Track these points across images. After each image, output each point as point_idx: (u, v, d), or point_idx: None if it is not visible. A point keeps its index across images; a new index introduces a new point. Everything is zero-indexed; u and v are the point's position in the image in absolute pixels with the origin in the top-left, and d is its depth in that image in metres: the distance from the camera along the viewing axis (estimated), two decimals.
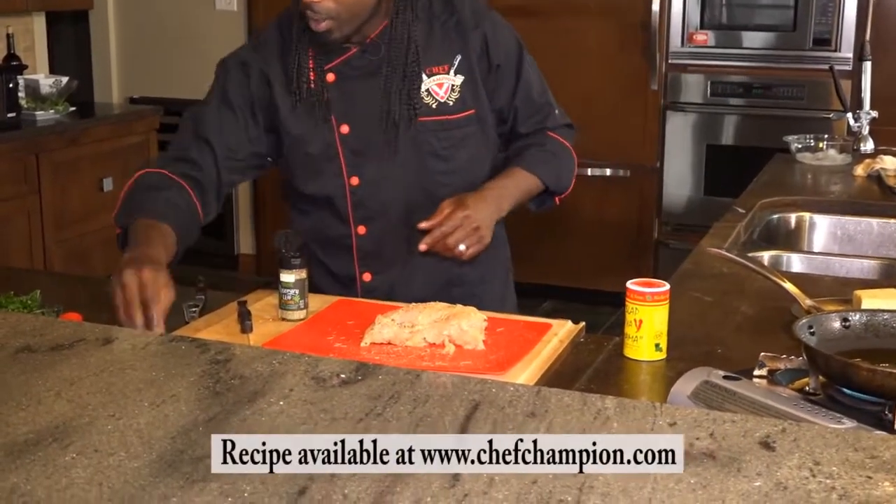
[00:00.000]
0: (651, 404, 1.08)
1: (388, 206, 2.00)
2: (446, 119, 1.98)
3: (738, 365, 1.55)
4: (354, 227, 2.01)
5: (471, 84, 1.99)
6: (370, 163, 1.98)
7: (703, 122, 4.77)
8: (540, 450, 0.97)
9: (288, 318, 1.81)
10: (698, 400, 1.37)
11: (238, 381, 1.15)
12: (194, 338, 1.35)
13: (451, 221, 1.88)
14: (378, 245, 2.02)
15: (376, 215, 2.00)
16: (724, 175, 4.71)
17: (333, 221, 2.02)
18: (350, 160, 1.98)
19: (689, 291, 2.01)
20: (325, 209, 2.02)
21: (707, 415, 1.05)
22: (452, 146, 1.99)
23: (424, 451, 0.97)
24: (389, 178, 1.98)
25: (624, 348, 1.67)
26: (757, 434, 1.00)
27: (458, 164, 2.00)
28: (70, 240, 4.34)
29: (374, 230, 2.01)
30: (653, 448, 0.97)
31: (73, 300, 1.94)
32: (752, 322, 1.84)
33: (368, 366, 1.19)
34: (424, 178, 1.99)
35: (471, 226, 1.89)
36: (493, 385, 1.13)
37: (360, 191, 1.99)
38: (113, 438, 1.01)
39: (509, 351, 1.66)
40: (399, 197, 1.99)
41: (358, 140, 1.97)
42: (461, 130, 1.99)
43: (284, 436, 1.01)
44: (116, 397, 1.11)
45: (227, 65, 2.03)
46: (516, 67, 2.05)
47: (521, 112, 2.07)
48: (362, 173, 1.98)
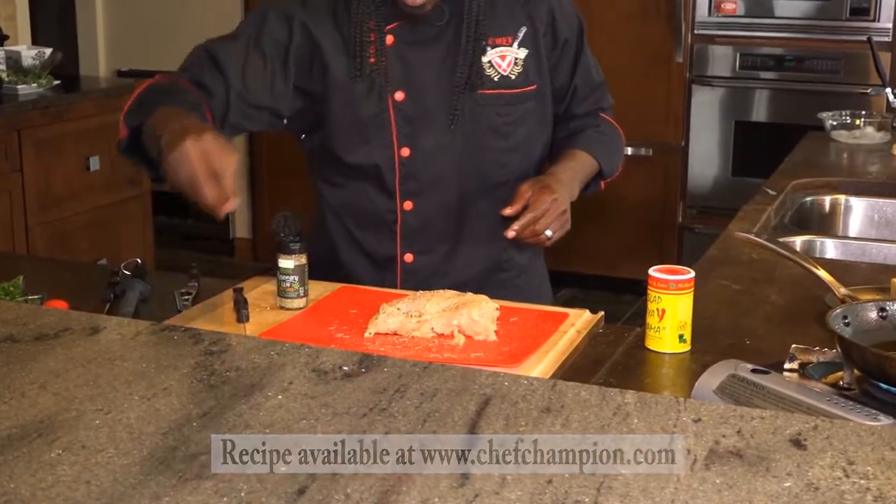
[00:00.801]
0: (674, 399, 1.09)
1: (439, 180, 1.99)
2: (508, 93, 1.98)
3: (768, 358, 1.55)
4: (401, 201, 2.00)
5: (534, 59, 2.00)
6: (424, 133, 1.97)
7: (731, 97, 4.76)
8: (555, 447, 0.97)
9: (287, 307, 1.82)
10: (725, 395, 1.37)
11: (234, 373, 1.16)
12: (187, 327, 1.36)
13: (540, 205, 1.89)
14: (425, 223, 2.02)
15: (426, 190, 1.99)
16: (754, 154, 4.70)
17: (377, 195, 2.01)
18: (402, 129, 1.96)
19: (716, 279, 2.01)
20: (367, 182, 2.00)
21: (734, 411, 1.06)
22: (512, 122, 2.00)
23: (432, 448, 0.97)
24: (443, 152, 1.98)
25: (645, 340, 1.67)
26: (787, 431, 1.00)
27: (516, 142, 2.01)
28: (54, 222, 4.35)
29: (422, 206, 2.00)
30: (676, 446, 0.97)
31: (58, 287, 1.94)
32: (782, 312, 1.84)
33: (373, 357, 1.20)
34: (480, 154, 1.99)
35: (558, 210, 1.91)
36: (506, 378, 1.14)
37: (411, 163, 1.97)
38: (101, 434, 1.01)
39: (523, 342, 1.66)
40: (452, 172, 1.99)
41: (413, 108, 1.96)
42: (521, 106, 2.00)
43: (283, 433, 1.01)
44: (105, 390, 1.11)
45: (267, 14, 1.98)
46: (578, 44, 2.08)
47: (579, 91, 2.11)
48: (415, 144, 1.97)
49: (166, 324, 1.46)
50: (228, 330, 1.66)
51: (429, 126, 1.96)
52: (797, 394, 1.32)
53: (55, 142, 4.36)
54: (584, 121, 2.13)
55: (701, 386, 1.42)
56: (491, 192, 2.01)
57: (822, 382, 1.48)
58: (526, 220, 1.89)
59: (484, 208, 2.01)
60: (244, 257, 5.67)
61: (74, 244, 4.40)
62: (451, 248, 2.03)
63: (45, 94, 4.43)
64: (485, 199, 2.01)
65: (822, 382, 1.48)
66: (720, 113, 4.78)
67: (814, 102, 4.23)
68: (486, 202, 2.01)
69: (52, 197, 4.34)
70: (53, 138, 4.35)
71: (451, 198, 2.00)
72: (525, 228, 1.89)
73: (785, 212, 2.65)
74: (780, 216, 2.60)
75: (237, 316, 1.76)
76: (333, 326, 1.74)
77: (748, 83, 4.72)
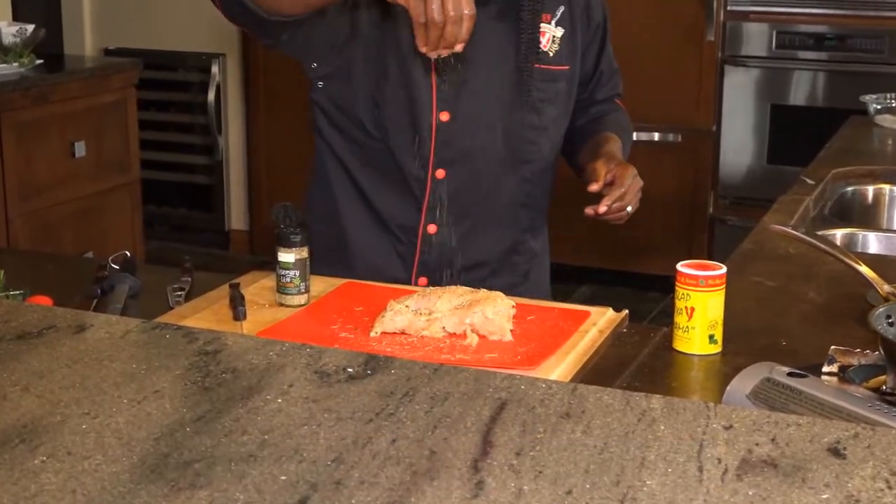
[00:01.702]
0: (704, 405, 1.09)
1: (476, 149, 2.04)
2: (546, 69, 2.06)
3: (805, 360, 1.55)
4: (433, 169, 2.04)
5: (570, 39, 2.08)
6: (467, 98, 2.02)
7: (767, 78, 4.75)
8: (575, 456, 0.98)
9: (287, 304, 1.82)
10: (758, 400, 1.37)
11: (230, 375, 1.16)
12: (180, 325, 1.36)
13: (625, 181, 1.97)
14: (454, 194, 2.06)
15: (461, 159, 2.04)
16: (791, 140, 4.69)
17: (408, 160, 2.03)
18: (443, 92, 2.01)
19: (749, 275, 2.01)
20: (397, 146, 2.03)
21: (768, 417, 1.06)
22: (547, 100, 2.07)
23: (443, 456, 0.98)
24: (483, 120, 2.03)
25: (673, 340, 1.67)
26: (825, 439, 1.01)
27: (546, 122, 2.09)
28: (37, 212, 4.36)
29: (454, 175, 2.05)
30: (705, 455, 0.98)
31: (42, 281, 1.95)
32: (821, 311, 1.84)
33: (379, 358, 1.20)
34: (515, 128, 2.06)
35: (639, 185, 2.01)
36: (523, 381, 1.14)
37: (449, 129, 2.02)
38: (88, 439, 1.02)
39: (541, 343, 1.66)
40: (489, 142, 2.05)
41: (458, 71, 2.00)
42: (555, 85, 2.08)
43: (282, 439, 1.02)
44: (92, 393, 1.12)
45: None
46: (605, 28, 2.17)
47: (603, 77, 2.21)
48: (455, 108, 2.02)
49: (157, 322, 1.47)
50: (224, 328, 1.66)
51: (471, 93, 2.02)
52: (836, 399, 1.32)
53: (38, 126, 4.36)
54: (604, 106, 2.22)
55: (733, 390, 1.42)
56: (517, 170, 2.08)
57: (863, 387, 1.48)
58: (616, 194, 1.95)
59: (509, 186, 2.08)
60: (241, 250, 5.68)
61: (59, 236, 4.41)
62: (474, 223, 2.08)
63: (27, 75, 4.44)
64: (511, 177, 2.08)
65: (863, 387, 1.48)
66: (755, 96, 4.77)
67: (856, 84, 4.22)
68: (512, 180, 2.08)
69: (34, 185, 4.34)
70: (36, 122, 4.35)
71: (483, 171, 2.06)
72: (614, 202, 1.96)
73: (824, 203, 2.65)
74: (819, 207, 2.60)
75: (233, 313, 1.77)
76: (337, 325, 1.74)
77: (785, 63, 4.71)
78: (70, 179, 4.41)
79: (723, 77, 4.79)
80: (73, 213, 4.41)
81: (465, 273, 2.07)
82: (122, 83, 4.76)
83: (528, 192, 2.11)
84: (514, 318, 1.71)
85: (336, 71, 2.02)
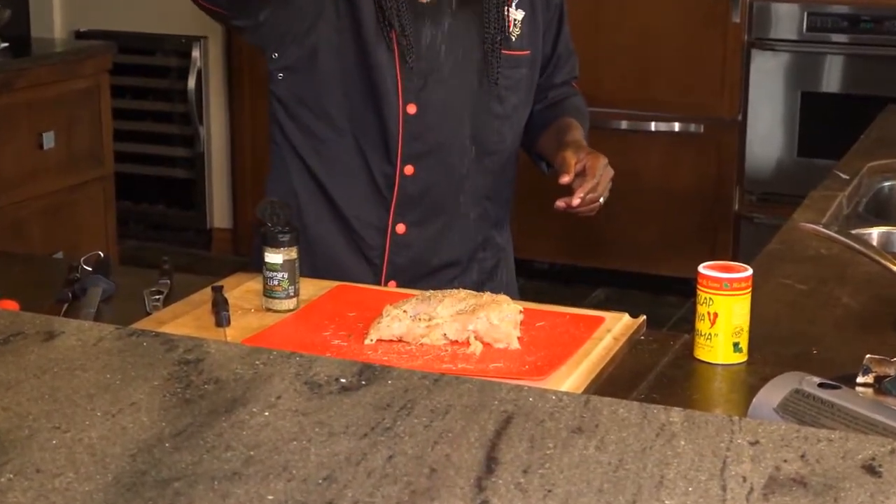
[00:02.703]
0: (728, 418, 1.09)
1: (444, 142, 2.07)
2: (508, 55, 2.08)
3: (838, 370, 1.56)
4: (402, 165, 2.06)
5: (531, 22, 2.11)
6: (434, 89, 2.04)
7: (796, 63, 4.75)
8: (588, 474, 0.98)
9: (274, 309, 1.83)
10: (787, 413, 1.37)
11: (213, 385, 1.16)
12: (158, 332, 1.37)
13: (597, 171, 1.99)
14: (424, 190, 2.09)
15: (430, 153, 2.07)
16: (823, 131, 4.70)
17: (374, 157, 2.06)
18: (410, 83, 2.03)
19: (778, 278, 2.01)
20: (363, 138, 2.06)
21: (797, 432, 1.06)
22: (510, 87, 2.11)
23: (444, 473, 0.98)
24: (451, 111, 2.06)
25: (695, 349, 1.67)
26: (859, 456, 1.01)
27: (509, 110, 2.12)
28: (3, 209, 4.37)
29: (423, 171, 2.07)
30: (729, 473, 0.98)
31: (8, 284, 1.95)
32: (855, 316, 1.84)
33: (375, 368, 1.20)
34: (480, 118, 2.09)
35: (610, 174, 2.02)
36: (531, 393, 1.14)
37: (417, 121, 2.04)
38: (59, 456, 1.02)
39: (551, 351, 1.67)
40: (457, 134, 2.08)
41: (423, 60, 2.03)
42: (518, 71, 2.11)
43: (270, 455, 1.02)
44: (62, 405, 1.12)
45: None
46: (562, 9, 2.20)
47: (561, 59, 2.24)
48: (422, 100, 2.04)
49: (134, 328, 1.47)
50: (206, 335, 1.67)
51: (438, 82, 2.04)
52: (872, 412, 1.32)
53: (3, 115, 4.37)
54: (561, 90, 2.26)
55: (759, 403, 1.42)
56: (482, 162, 2.11)
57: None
58: (587, 186, 1.96)
59: (476, 180, 2.12)
60: (224, 250, 5.69)
61: (26, 235, 4.41)
62: (446, 221, 2.12)
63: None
64: (477, 170, 2.11)
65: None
66: (784, 82, 4.78)
67: (893, 71, 4.22)
68: (478, 174, 2.11)
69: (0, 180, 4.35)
70: (1, 111, 4.36)
71: (453, 165, 2.09)
72: (588, 194, 1.97)
73: (859, 199, 2.65)
74: (853, 204, 2.60)
75: (216, 319, 1.77)
76: (329, 332, 1.74)
77: (817, 48, 4.71)
78: (38, 174, 4.41)
79: (749, 62, 4.80)
80: (42, 210, 4.41)
81: (436, 273, 2.10)
82: (94, 69, 4.76)
83: (492, 184, 2.14)
84: (522, 325, 1.71)
85: (297, 61, 2.05)
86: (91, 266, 1.97)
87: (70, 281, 1.93)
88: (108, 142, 4.71)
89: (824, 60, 4.73)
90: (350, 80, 2.03)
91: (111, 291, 1.92)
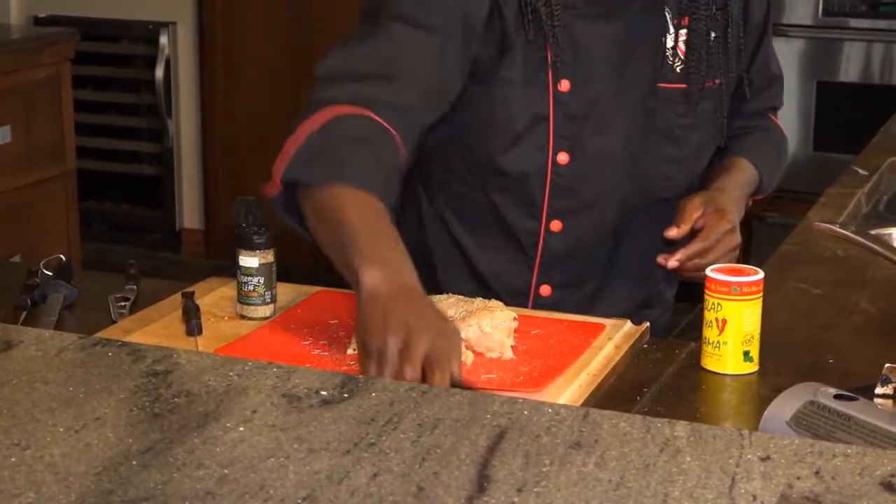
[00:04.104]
0: (737, 432, 1.09)
1: (598, 196, 1.96)
2: (691, 89, 1.96)
3: (856, 380, 1.56)
4: (547, 220, 1.96)
5: (721, 45, 1.97)
6: (588, 135, 1.92)
7: (812, 51, 4.76)
8: (587, 492, 0.98)
9: (249, 316, 1.83)
10: (801, 427, 1.38)
11: (183, 399, 1.16)
12: (124, 342, 1.37)
13: (714, 234, 1.87)
14: (573, 249, 1.98)
15: (581, 208, 1.96)
16: (841, 124, 4.70)
17: (516, 210, 1.96)
18: (562, 129, 1.91)
19: (791, 281, 2.01)
20: (505, 192, 1.95)
21: (812, 447, 1.06)
22: (690, 125, 1.97)
23: (432, 493, 0.98)
24: (608, 160, 1.94)
25: (702, 358, 1.68)
26: (878, 472, 1.01)
27: (689, 151, 1.99)
28: None
29: (573, 228, 1.96)
30: (738, 491, 0.98)
31: None
32: (875, 323, 1.85)
33: (358, 379, 1.21)
34: (647, 165, 1.97)
35: (733, 243, 1.90)
36: (526, 406, 1.15)
37: (568, 172, 1.92)
38: (18, 474, 1.02)
39: (547, 361, 1.67)
40: (615, 186, 1.96)
41: (579, 103, 1.90)
42: (701, 105, 1.98)
43: (245, 473, 1.02)
44: (22, 420, 1.12)
45: None
46: (764, 26, 2.07)
47: (754, 86, 2.10)
48: (575, 148, 1.92)
49: (98, 337, 1.47)
50: (176, 345, 1.67)
51: (593, 127, 1.92)
52: (891, 425, 1.32)
53: None
54: (752, 121, 2.14)
55: (771, 416, 1.43)
56: (650, 212, 1.99)
57: None
58: (694, 250, 1.86)
59: (640, 233, 2.00)
60: (194, 253, 5.68)
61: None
62: (599, 283, 2.01)
63: None
64: (643, 221, 1.99)
65: None
66: (798, 71, 4.78)
67: None
68: (644, 225, 1.99)
69: None
70: None
71: (609, 220, 1.98)
72: (691, 259, 1.86)
73: (879, 196, 2.66)
74: (872, 202, 2.60)
75: (187, 327, 1.77)
76: (308, 341, 1.74)
77: (834, 34, 4.72)
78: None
79: None
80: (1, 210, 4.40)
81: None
82: (54, 57, 4.75)
83: (662, 234, 1.94)
84: (516, 333, 1.71)
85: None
86: (52, 270, 1.97)
87: (29, 286, 1.93)
88: (70, 136, 4.70)
89: (842, 47, 4.74)
90: (501, 126, 1.91)
91: (73, 298, 1.92)
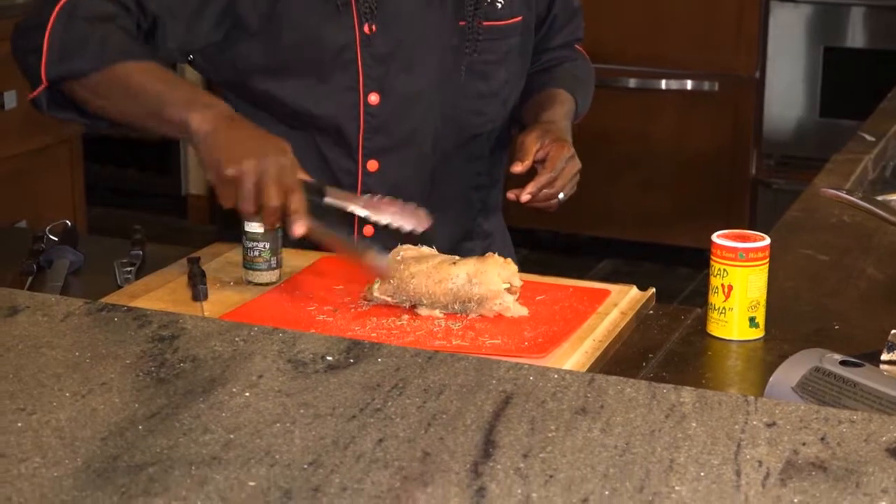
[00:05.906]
0: (743, 398, 1.10)
1: (412, 134, 2.00)
2: (495, 25, 2.00)
3: (861, 346, 1.56)
4: (364, 161, 2.00)
5: None
6: (397, 74, 1.96)
7: (819, 15, 4.74)
8: (593, 458, 0.99)
9: (255, 281, 1.83)
10: (806, 393, 1.38)
11: (189, 364, 1.17)
12: (130, 307, 1.37)
13: (557, 163, 1.91)
14: (392, 188, 1.98)
15: (396, 147, 2.00)
16: (848, 89, 4.69)
17: (331, 152, 2.00)
18: (371, 69, 1.95)
19: (797, 248, 2.01)
20: (319, 134, 2.00)
21: (817, 413, 1.06)
22: (496, 61, 2.02)
23: (438, 459, 0.99)
24: (419, 98, 1.98)
25: (708, 324, 1.68)
26: (883, 438, 1.01)
27: (497, 86, 2.04)
28: None
29: (389, 167, 2.00)
30: (744, 456, 0.98)
31: None
32: (881, 289, 1.85)
33: (363, 345, 1.21)
34: (458, 100, 2.01)
35: (575, 169, 1.96)
36: (531, 372, 1.15)
37: (380, 112, 1.97)
38: (24, 439, 1.02)
39: (553, 326, 1.67)
40: (428, 123, 2.00)
41: (385, 42, 1.95)
42: (506, 42, 2.02)
43: (251, 439, 1.02)
44: (28, 385, 1.12)
45: None
46: None
47: (558, 20, 2.16)
48: (385, 87, 1.96)
49: (104, 302, 1.47)
50: (182, 310, 1.67)
51: (402, 67, 1.96)
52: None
53: None
54: (559, 53, 2.19)
55: (777, 382, 1.43)
56: (464, 147, 2.04)
57: None
58: (543, 180, 1.90)
59: (456, 168, 2.05)
60: (200, 219, 5.68)
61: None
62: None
63: None
64: (457, 156, 2.04)
65: None
66: (805, 36, 4.77)
67: None
68: (458, 160, 2.04)
69: None
70: None
71: (425, 158, 2.02)
72: (541, 190, 1.91)
73: (886, 162, 2.65)
74: (879, 168, 2.60)
75: (193, 293, 1.77)
76: (314, 307, 1.75)
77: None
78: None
79: (768, 14, 4.78)
80: (3, 176, 4.39)
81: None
82: None
83: (479, 170, 2.07)
84: (521, 298, 1.71)
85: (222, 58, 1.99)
86: (57, 236, 1.97)
87: (34, 252, 1.93)
88: None
89: (849, 12, 4.72)
90: (311, 68, 1.95)
91: (79, 263, 1.92)
